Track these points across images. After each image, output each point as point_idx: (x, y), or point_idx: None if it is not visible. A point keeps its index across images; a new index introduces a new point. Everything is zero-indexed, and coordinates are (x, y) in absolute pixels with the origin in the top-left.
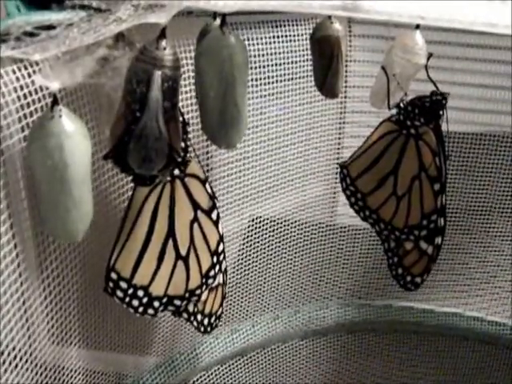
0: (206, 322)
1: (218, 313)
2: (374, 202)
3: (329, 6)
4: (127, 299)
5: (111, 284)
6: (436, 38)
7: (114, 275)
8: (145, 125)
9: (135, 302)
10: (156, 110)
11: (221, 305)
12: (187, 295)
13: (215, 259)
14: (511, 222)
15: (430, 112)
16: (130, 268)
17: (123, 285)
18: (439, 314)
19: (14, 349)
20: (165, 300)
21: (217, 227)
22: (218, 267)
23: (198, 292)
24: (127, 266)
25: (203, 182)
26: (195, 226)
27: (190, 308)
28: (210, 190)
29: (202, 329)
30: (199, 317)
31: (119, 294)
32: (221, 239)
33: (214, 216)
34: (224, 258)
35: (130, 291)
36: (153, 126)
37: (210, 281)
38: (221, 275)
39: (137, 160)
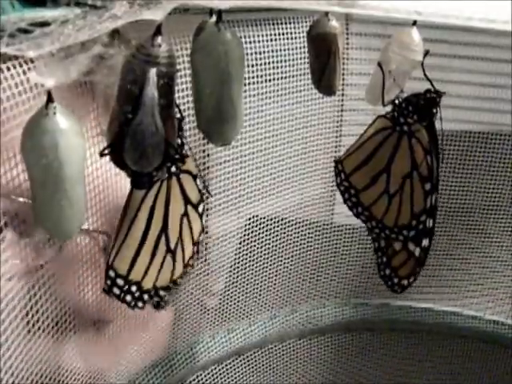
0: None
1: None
2: (366, 199)
3: (325, 3)
4: (122, 295)
5: (109, 282)
6: (433, 36)
7: (112, 273)
8: (141, 121)
9: (129, 298)
10: (152, 107)
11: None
12: (171, 285)
13: (196, 249)
14: (509, 220)
15: (423, 110)
16: (127, 265)
17: (120, 282)
18: (437, 312)
19: (8, 349)
20: (152, 292)
21: (201, 219)
22: (197, 256)
23: (179, 281)
24: (124, 264)
25: (194, 176)
26: (184, 220)
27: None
28: (199, 184)
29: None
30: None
31: (116, 291)
32: (202, 230)
33: (200, 209)
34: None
35: (126, 287)
36: (148, 122)
37: (190, 269)
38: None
39: (133, 157)
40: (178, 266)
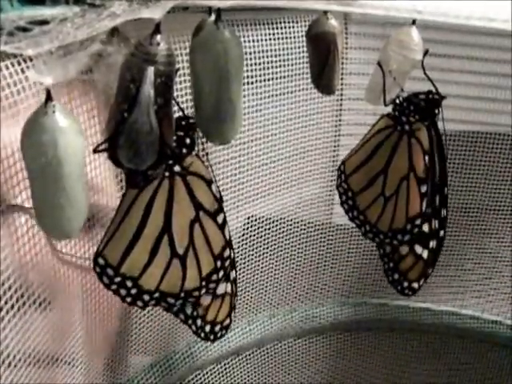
0: (207, 328)
1: (225, 323)
2: (362, 202)
3: (324, 2)
4: (114, 286)
5: (98, 269)
6: (431, 36)
7: (101, 261)
8: (136, 119)
9: (123, 291)
10: (147, 105)
11: (228, 315)
12: (182, 295)
13: (219, 264)
14: (508, 220)
15: (425, 110)
16: (118, 257)
17: (110, 272)
18: (436, 312)
19: (7, 346)
20: (157, 295)
21: (222, 231)
22: (222, 272)
23: (195, 294)
24: (115, 255)
25: (208, 182)
26: (196, 226)
27: (188, 310)
28: (216, 192)
29: (203, 335)
30: (199, 322)
31: (105, 279)
32: (227, 244)
33: (219, 219)
34: (233, 266)
35: (118, 279)
36: (143, 120)
37: (212, 285)
38: (229, 285)
39: (127, 155)
40: (191, 276)
